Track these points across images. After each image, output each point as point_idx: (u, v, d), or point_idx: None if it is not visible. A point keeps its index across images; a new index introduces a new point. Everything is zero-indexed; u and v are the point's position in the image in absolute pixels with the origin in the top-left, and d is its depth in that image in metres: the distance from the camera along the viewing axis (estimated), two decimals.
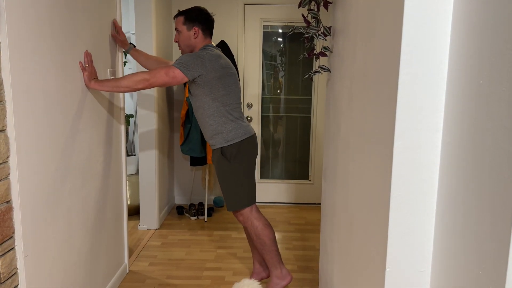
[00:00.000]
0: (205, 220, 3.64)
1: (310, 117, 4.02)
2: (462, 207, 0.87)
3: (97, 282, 2.19)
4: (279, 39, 3.94)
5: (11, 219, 1.44)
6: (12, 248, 1.46)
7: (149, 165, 3.32)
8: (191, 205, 3.84)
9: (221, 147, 2.21)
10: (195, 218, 3.67)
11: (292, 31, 1.96)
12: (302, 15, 1.85)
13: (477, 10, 0.84)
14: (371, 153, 1.21)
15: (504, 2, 0.74)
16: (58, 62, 1.72)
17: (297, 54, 3.94)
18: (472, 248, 0.82)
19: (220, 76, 2.14)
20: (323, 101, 3.93)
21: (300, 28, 1.88)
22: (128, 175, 3.63)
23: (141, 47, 3.14)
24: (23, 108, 1.47)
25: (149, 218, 3.38)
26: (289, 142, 4.11)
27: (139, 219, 3.41)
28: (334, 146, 1.82)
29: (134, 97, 3.97)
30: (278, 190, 4.11)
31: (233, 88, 2.21)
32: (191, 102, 2.27)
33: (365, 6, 1.32)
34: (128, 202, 3.60)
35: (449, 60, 0.95)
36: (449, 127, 0.94)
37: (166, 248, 3.04)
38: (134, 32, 3.24)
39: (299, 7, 1.79)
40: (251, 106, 3.96)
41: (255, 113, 3.98)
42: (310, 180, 4.10)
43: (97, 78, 2.03)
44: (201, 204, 3.87)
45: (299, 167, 4.13)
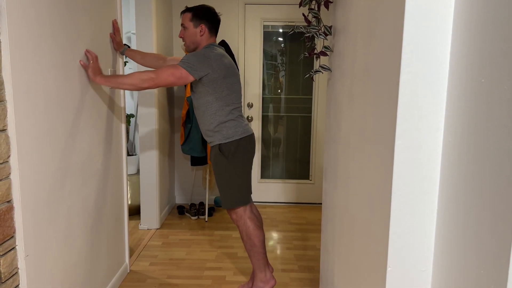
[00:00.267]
0: (206, 220, 3.64)
1: (311, 117, 4.01)
2: (463, 206, 0.87)
3: (98, 282, 2.19)
4: (280, 39, 3.94)
5: (12, 219, 1.44)
6: (13, 248, 1.46)
7: (150, 165, 3.32)
8: (192, 205, 3.84)
9: (219, 144, 2.22)
10: (196, 218, 3.67)
11: (293, 31, 1.96)
12: (303, 15, 1.85)
13: (478, 9, 0.83)
14: (372, 153, 1.20)
15: (505, 1, 0.74)
16: (59, 62, 1.71)
17: (298, 54, 3.93)
18: (474, 248, 0.82)
19: (225, 76, 2.15)
20: (324, 101, 3.93)
21: (301, 28, 1.88)
22: (129, 175, 3.63)
23: (142, 47, 3.14)
24: (24, 108, 1.47)
25: (150, 218, 3.38)
26: (290, 142, 4.10)
27: (140, 219, 3.41)
28: (335, 146, 1.82)
29: (135, 97, 3.97)
30: (279, 190, 4.10)
31: (236, 88, 2.22)
32: (193, 100, 2.27)
33: (366, 5, 1.32)
34: (129, 202, 3.60)
35: (450, 59, 0.95)
36: (450, 126, 0.94)
37: (167, 248, 3.04)
38: (135, 32, 3.24)
39: (300, 7, 1.79)
40: (252, 106, 3.96)
41: (256, 113, 3.98)
42: (311, 180, 4.10)
43: (102, 74, 2.02)
44: (202, 204, 3.87)
45: (300, 167, 4.13)
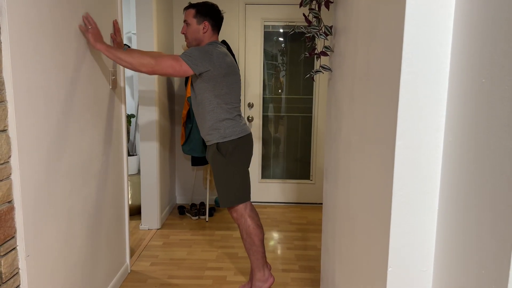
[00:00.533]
0: (207, 220, 3.64)
1: (311, 117, 4.01)
2: (464, 206, 0.87)
3: (99, 282, 2.19)
4: (280, 39, 3.94)
5: (13, 219, 1.45)
6: (14, 248, 1.46)
7: (151, 165, 3.32)
8: (193, 205, 3.84)
9: (217, 143, 2.22)
10: (197, 218, 3.67)
11: (293, 31, 1.96)
12: (303, 15, 1.85)
13: (479, 9, 0.83)
14: (373, 153, 1.20)
15: (506, 1, 0.74)
16: (60, 62, 1.72)
17: (298, 54, 3.93)
18: (474, 248, 0.82)
19: (225, 74, 2.14)
20: (324, 101, 3.93)
21: (301, 28, 1.88)
22: (130, 175, 3.64)
23: (142, 47, 3.15)
24: (25, 108, 1.48)
25: (151, 218, 3.38)
26: (290, 142, 4.10)
27: (141, 219, 3.42)
28: (336, 146, 1.82)
29: (135, 97, 3.97)
30: (280, 190, 4.10)
31: (235, 87, 2.22)
32: (192, 97, 2.26)
33: (367, 5, 1.32)
34: (130, 202, 3.60)
35: (451, 59, 0.95)
36: (451, 126, 0.94)
37: (168, 248, 3.04)
38: (135, 32, 3.24)
39: (300, 7, 1.79)
40: (252, 106, 3.96)
41: (256, 113, 3.98)
42: (312, 180, 4.10)
43: (103, 42, 1.99)
44: (203, 204, 3.87)
45: (301, 167, 4.13)
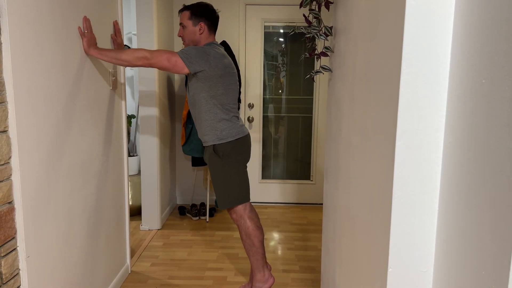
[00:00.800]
0: (207, 221, 3.64)
1: (312, 117, 4.01)
2: (464, 207, 0.87)
3: (99, 283, 2.19)
4: (281, 39, 3.94)
5: (13, 220, 1.45)
6: (14, 249, 1.46)
7: (151, 166, 3.32)
8: (193, 206, 3.84)
9: (214, 145, 2.21)
10: (197, 219, 3.67)
11: (294, 31, 1.96)
12: (304, 15, 1.85)
13: (479, 9, 0.83)
14: (373, 153, 1.20)
15: (506, 1, 0.74)
16: (60, 63, 1.72)
17: (299, 54, 3.93)
18: (475, 248, 0.81)
19: (222, 75, 2.14)
20: (325, 101, 3.93)
21: (302, 28, 1.88)
22: (130, 176, 3.64)
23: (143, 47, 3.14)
24: (25, 109, 1.48)
25: (151, 219, 3.38)
26: (291, 142, 4.10)
27: (141, 220, 3.42)
28: (336, 146, 1.82)
29: (136, 97, 3.98)
30: (280, 190, 4.10)
31: (232, 88, 2.21)
32: (188, 96, 2.26)
33: (367, 6, 1.32)
34: (130, 203, 3.60)
35: (451, 59, 0.95)
36: (451, 127, 0.94)
37: (168, 249, 3.04)
38: (136, 33, 3.25)
39: (300, 7, 1.79)
40: (253, 106, 3.96)
41: (257, 113, 3.98)
42: (312, 180, 4.10)
43: (97, 46, 2.00)
44: (203, 205, 3.87)
45: (301, 167, 4.13)
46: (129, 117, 3.84)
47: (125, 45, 2.46)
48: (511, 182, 0.70)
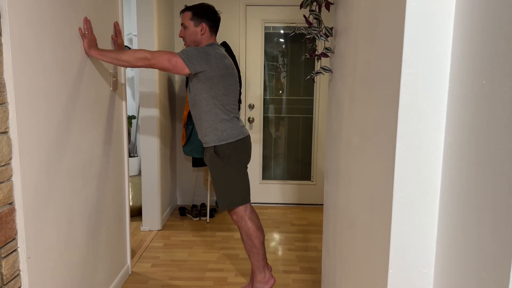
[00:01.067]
0: (207, 221, 3.64)
1: (312, 118, 4.01)
2: (465, 208, 0.86)
3: (99, 283, 2.19)
4: (281, 40, 3.94)
5: (14, 221, 1.45)
6: (15, 250, 1.46)
7: (151, 166, 3.32)
8: (193, 206, 3.84)
9: (215, 146, 2.21)
10: (197, 219, 3.67)
11: (294, 32, 1.96)
12: (304, 16, 1.85)
13: (479, 10, 0.83)
14: (373, 154, 1.20)
15: (507, 2, 0.74)
16: (60, 64, 1.72)
17: (299, 55, 3.94)
18: (475, 249, 0.81)
19: (223, 75, 2.14)
20: (325, 102, 3.93)
21: (302, 29, 1.88)
22: (131, 176, 3.64)
23: (143, 48, 3.15)
24: (25, 110, 1.48)
25: (152, 219, 3.38)
26: (291, 143, 4.10)
27: (142, 220, 3.42)
28: (336, 147, 1.82)
29: (136, 98, 3.98)
30: (280, 191, 4.10)
31: (233, 89, 2.21)
32: (189, 98, 2.26)
33: (367, 7, 1.32)
34: (131, 203, 3.60)
35: (451, 60, 0.95)
36: (451, 128, 0.94)
37: (169, 249, 3.04)
38: (136, 34, 3.25)
39: (301, 8, 1.79)
40: (253, 107, 3.96)
41: (257, 114, 3.98)
42: (312, 181, 4.09)
43: (97, 46, 2.00)
44: (203, 205, 3.87)
45: (301, 168, 4.13)
46: (130, 118, 3.84)
47: (126, 46, 2.46)
48: (511, 183, 0.70)
